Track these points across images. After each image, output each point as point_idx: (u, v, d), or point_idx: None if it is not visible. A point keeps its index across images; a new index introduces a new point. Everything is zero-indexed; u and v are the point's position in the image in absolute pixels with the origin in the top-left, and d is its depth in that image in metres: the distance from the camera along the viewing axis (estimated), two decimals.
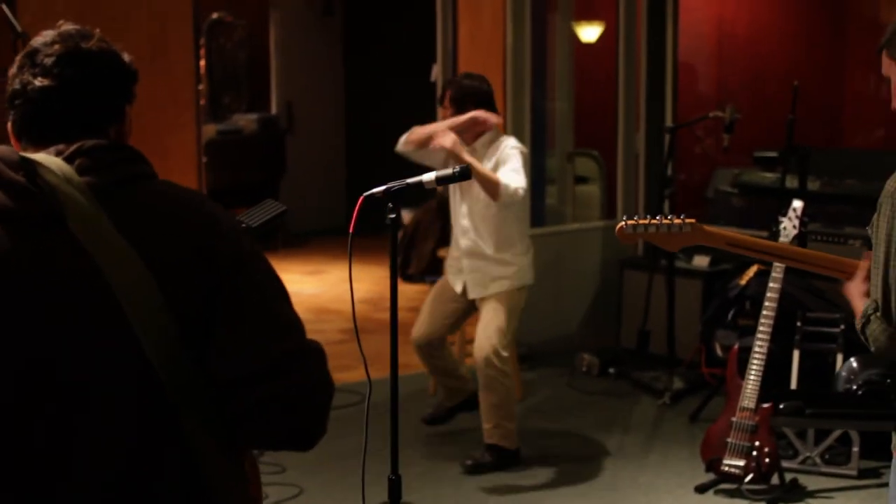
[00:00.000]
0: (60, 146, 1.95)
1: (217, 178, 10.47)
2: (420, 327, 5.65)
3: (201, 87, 8.07)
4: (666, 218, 2.82)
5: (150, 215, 1.94)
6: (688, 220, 2.84)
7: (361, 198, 3.37)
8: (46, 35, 2.00)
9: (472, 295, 5.49)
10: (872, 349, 2.70)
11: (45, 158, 1.91)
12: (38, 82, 1.96)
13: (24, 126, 2.00)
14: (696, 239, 2.88)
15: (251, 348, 1.91)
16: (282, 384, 1.91)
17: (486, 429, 5.42)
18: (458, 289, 5.55)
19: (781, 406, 2.29)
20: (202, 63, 10.58)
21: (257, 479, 2.18)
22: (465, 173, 3.39)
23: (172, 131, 6.99)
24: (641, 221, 2.81)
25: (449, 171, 3.31)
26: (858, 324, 2.73)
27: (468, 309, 5.64)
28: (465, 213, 5.44)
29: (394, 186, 3.15)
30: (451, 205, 5.60)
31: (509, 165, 5.24)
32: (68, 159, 1.93)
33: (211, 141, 10.26)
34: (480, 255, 5.43)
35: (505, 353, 5.33)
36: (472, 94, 5.37)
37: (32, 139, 1.99)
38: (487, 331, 5.33)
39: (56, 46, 1.97)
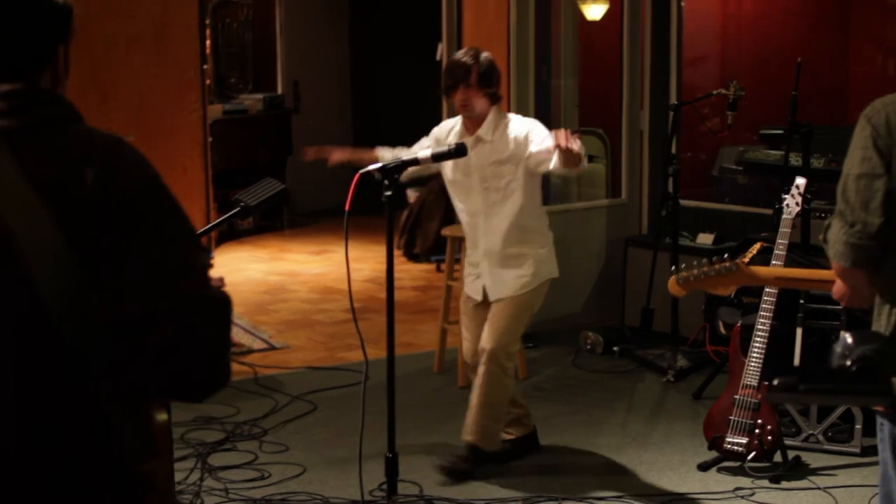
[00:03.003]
0: None
1: (223, 157, 10.50)
2: (468, 350, 5.29)
3: (206, 67, 8.08)
4: (717, 262, 3.00)
5: (57, 157, 1.93)
6: (735, 261, 2.99)
7: (357, 175, 3.39)
8: None
9: (492, 298, 5.10)
10: (830, 254, 2.79)
11: None
12: None
13: None
14: (744, 279, 3.05)
15: (135, 291, 1.88)
16: (165, 332, 1.87)
17: (468, 423, 5.10)
18: (479, 297, 5.16)
19: (774, 382, 2.28)
20: (207, 43, 10.58)
21: (165, 432, 2.14)
22: (462, 150, 3.36)
23: (178, 111, 7.01)
24: (692, 272, 2.97)
25: (444, 147, 3.28)
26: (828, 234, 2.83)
27: None
28: (479, 210, 5.07)
29: (389, 164, 3.15)
30: (460, 203, 5.17)
31: (542, 134, 4.85)
32: None
33: (217, 121, 10.26)
34: (499, 254, 5.07)
35: (512, 350, 5.07)
36: (496, 70, 4.99)
37: None
38: (498, 324, 5.01)
39: None
